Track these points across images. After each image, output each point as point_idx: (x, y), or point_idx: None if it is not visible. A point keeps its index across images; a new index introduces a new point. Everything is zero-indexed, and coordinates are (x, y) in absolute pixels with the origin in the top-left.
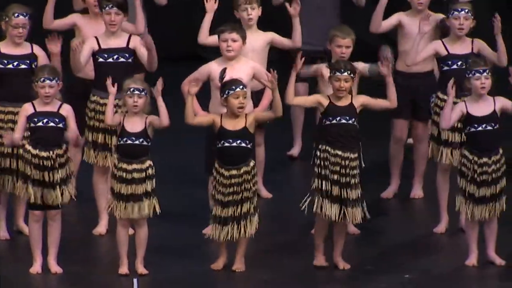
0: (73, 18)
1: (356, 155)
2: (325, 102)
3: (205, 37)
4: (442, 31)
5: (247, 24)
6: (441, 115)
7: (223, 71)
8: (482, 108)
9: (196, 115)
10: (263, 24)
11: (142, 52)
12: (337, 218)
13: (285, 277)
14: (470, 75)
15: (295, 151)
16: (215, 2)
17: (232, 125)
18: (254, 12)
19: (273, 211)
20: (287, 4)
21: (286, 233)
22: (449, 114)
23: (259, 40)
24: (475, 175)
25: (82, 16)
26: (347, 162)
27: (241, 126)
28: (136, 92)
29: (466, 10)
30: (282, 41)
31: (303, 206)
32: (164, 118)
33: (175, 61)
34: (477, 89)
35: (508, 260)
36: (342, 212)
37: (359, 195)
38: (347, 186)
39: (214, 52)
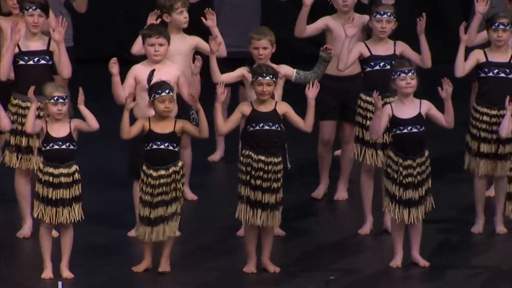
0: None
1: (279, 159)
2: (248, 110)
3: (140, 50)
4: (369, 33)
5: (180, 27)
6: (370, 127)
7: (151, 73)
8: (408, 110)
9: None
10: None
11: (59, 57)
12: (262, 222)
13: (211, 279)
14: (395, 76)
15: (216, 156)
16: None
17: (160, 128)
18: (188, 15)
19: (198, 213)
20: (202, 18)
21: (211, 235)
22: (378, 127)
23: (185, 43)
24: (401, 177)
25: (4, 18)
26: (270, 167)
27: (169, 130)
28: (60, 100)
29: (389, 13)
30: (207, 47)
31: (236, 214)
32: (92, 122)
33: (100, 63)
34: (402, 89)
35: (431, 260)
36: (266, 216)
37: (281, 199)
38: (270, 190)
39: (139, 55)
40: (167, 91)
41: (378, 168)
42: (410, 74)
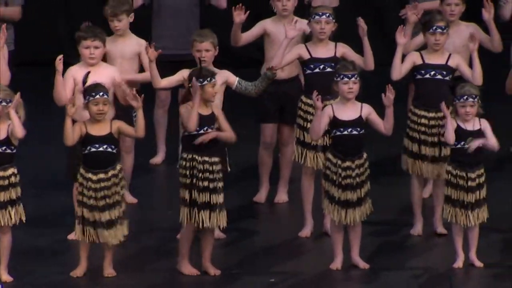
0: None
1: (219, 158)
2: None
3: None
4: (309, 35)
5: (125, 29)
6: (311, 127)
7: (86, 75)
8: (349, 112)
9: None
10: None
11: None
12: (207, 224)
13: (152, 282)
14: (338, 79)
15: (158, 159)
16: None
17: (97, 130)
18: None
19: (138, 216)
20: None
21: (152, 238)
22: (318, 127)
23: (130, 46)
24: (340, 179)
25: None
26: (214, 167)
27: (106, 132)
28: None
29: (327, 14)
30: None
31: (180, 218)
32: (16, 130)
33: (39, 66)
34: (344, 93)
35: (371, 262)
36: (215, 216)
37: (223, 199)
38: (217, 190)
39: (77, 56)
40: (101, 93)
41: (319, 170)
42: (353, 79)
